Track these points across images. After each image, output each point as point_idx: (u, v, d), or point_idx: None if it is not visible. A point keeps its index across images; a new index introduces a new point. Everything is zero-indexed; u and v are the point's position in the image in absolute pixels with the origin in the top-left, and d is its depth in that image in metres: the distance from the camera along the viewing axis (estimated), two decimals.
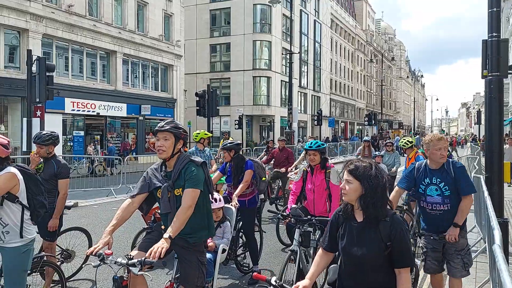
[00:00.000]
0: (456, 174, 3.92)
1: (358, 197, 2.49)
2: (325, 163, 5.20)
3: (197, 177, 3.27)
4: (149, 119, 29.18)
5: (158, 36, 29.40)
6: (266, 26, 41.65)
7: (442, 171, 3.96)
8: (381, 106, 64.20)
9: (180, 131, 3.37)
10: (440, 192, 3.94)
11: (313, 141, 5.28)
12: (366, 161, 2.56)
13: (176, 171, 3.32)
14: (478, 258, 5.91)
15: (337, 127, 60.80)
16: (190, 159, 3.35)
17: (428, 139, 3.98)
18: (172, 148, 3.31)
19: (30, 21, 20.78)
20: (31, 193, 3.60)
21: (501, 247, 2.91)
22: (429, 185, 3.99)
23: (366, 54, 77.23)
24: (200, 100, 17.56)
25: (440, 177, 3.95)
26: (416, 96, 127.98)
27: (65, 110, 22.93)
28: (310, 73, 52.11)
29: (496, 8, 5.59)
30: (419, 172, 4.08)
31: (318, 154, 5.14)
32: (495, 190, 5.56)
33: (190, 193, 3.23)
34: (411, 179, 4.14)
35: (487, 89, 5.67)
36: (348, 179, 2.50)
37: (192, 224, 3.29)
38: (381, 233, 2.43)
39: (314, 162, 5.15)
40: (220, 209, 4.92)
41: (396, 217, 2.50)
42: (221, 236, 4.82)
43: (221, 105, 34.15)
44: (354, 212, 2.56)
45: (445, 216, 3.95)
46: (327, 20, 57.73)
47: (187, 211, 3.18)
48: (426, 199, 4.02)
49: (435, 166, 3.99)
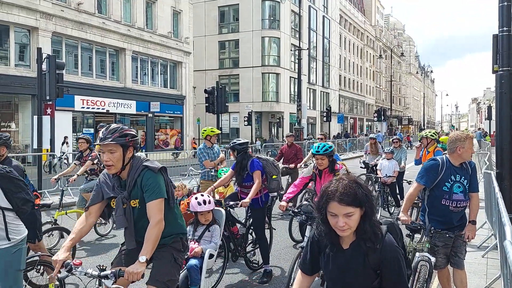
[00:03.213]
0: (472, 172, 4.01)
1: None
2: (334, 166, 5.03)
3: (157, 185, 2.93)
4: (158, 116, 29.33)
5: (167, 33, 29.47)
6: (275, 23, 41.55)
7: (463, 169, 3.99)
8: (390, 102, 63.75)
9: (126, 139, 2.93)
10: (463, 189, 3.96)
11: (320, 145, 5.05)
12: (345, 178, 2.14)
13: (131, 180, 2.97)
14: (489, 254, 5.86)
15: (346, 123, 60.56)
16: (145, 166, 2.97)
17: (464, 137, 3.93)
18: (121, 160, 2.92)
19: (40, 19, 20.95)
20: (10, 192, 3.35)
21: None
22: (455, 182, 3.96)
23: (375, 49, 76.71)
24: (209, 97, 17.60)
25: (463, 175, 3.97)
26: (425, 91, 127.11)
27: (75, 108, 23.12)
28: (319, 69, 51.91)
29: (507, 2, 5.52)
30: (444, 169, 3.96)
31: (326, 158, 4.98)
32: (506, 185, 5.51)
33: (155, 206, 2.89)
34: (434, 176, 3.99)
35: (497, 84, 5.61)
36: (347, 212, 2.03)
37: (162, 233, 2.98)
38: (371, 261, 2.10)
39: (323, 166, 5.00)
40: (209, 212, 4.65)
41: (389, 242, 2.13)
42: (209, 240, 4.51)
43: (230, 101, 34.15)
44: (340, 239, 2.17)
45: (463, 212, 4.04)
46: (336, 15, 57.42)
47: (158, 227, 2.85)
48: (452, 197, 3.94)
49: (457, 163, 3.97)
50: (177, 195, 6.72)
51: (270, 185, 5.66)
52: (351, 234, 2.11)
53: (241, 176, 5.66)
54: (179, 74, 31.28)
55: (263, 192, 5.59)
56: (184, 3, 31.17)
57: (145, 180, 2.93)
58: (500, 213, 4.36)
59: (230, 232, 5.42)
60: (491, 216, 6.36)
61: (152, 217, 2.86)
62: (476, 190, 4.04)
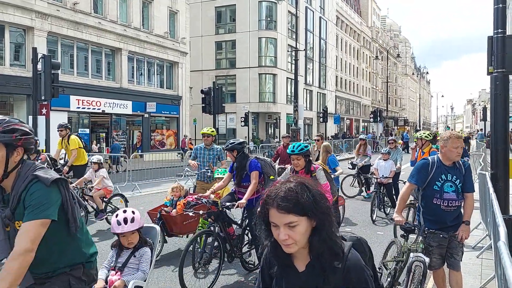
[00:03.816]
0: (466, 172, 4.02)
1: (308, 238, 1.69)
2: (310, 166, 4.89)
3: (43, 202, 2.14)
4: (154, 117, 29.27)
5: (163, 33, 29.43)
6: (272, 23, 41.60)
7: (455, 168, 4.01)
8: (386, 103, 63.86)
9: (13, 136, 2.18)
10: (455, 189, 3.98)
11: (296, 144, 4.89)
12: (292, 180, 1.72)
13: (16, 194, 2.19)
14: (484, 254, 5.89)
15: (342, 124, 60.68)
16: (35, 176, 2.19)
17: (447, 136, 3.97)
18: (3, 163, 2.17)
19: (36, 19, 20.87)
20: None
21: (506, 244, 2.91)
22: (445, 181, 3.98)
23: (372, 51, 76.91)
24: (206, 97, 17.56)
25: (455, 174, 3.99)
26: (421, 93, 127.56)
27: (70, 108, 23.04)
28: (316, 70, 52.00)
29: (502, 4, 5.55)
30: (435, 168, 4.02)
31: (302, 158, 4.80)
32: (500, 186, 5.53)
33: (29, 229, 2.09)
34: (424, 175, 4.05)
35: (492, 86, 5.64)
36: (288, 222, 1.62)
37: (54, 262, 2.34)
38: (331, 285, 1.70)
39: (299, 167, 4.81)
40: (133, 233, 3.57)
41: (353, 260, 1.72)
42: (136, 268, 3.52)
43: (226, 102, 34.17)
44: (293, 259, 1.77)
45: (456, 212, 4.03)
46: (332, 17, 57.53)
47: (21, 259, 2.03)
48: (443, 195, 3.98)
49: (448, 162, 4.00)
50: (174, 195, 6.71)
51: (267, 186, 5.60)
52: (305, 252, 1.73)
53: (240, 176, 5.66)
54: (175, 75, 31.24)
55: (260, 193, 5.58)
56: (180, 3, 31.14)
57: (29, 194, 2.16)
58: (494, 214, 4.38)
59: (226, 233, 5.41)
60: (486, 216, 6.39)
61: (19, 243, 2.06)
62: (470, 190, 4.05)
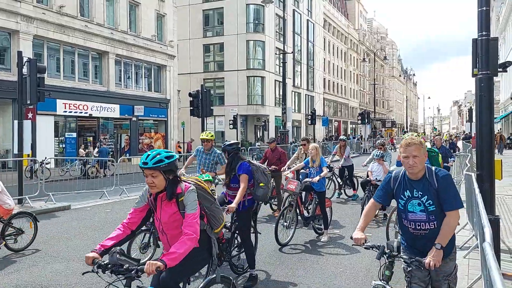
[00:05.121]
0: (440, 184, 3.18)
1: None
2: (175, 188, 3.08)
3: None
4: (142, 120, 29.11)
5: (151, 37, 29.31)
6: (259, 26, 41.68)
7: (424, 182, 3.23)
8: (374, 105, 64.38)
9: None
10: (424, 208, 3.22)
11: (153, 152, 3.04)
12: None
13: None
14: (470, 255, 5.95)
15: (330, 126, 60.99)
16: None
17: (402, 143, 3.32)
18: None
19: (21, 22, 20.64)
20: None
21: (491, 245, 2.93)
22: (410, 199, 3.27)
23: (359, 53, 77.50)
24: (194, 100, 17.47)
25: (422, 189, 3.23)
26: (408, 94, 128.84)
27: (57, 112, 22.80)
28: (304, 73, 52.21)
29: (485, 7, 5.62)
30: (397, 183, 3.35)
31: (161, 175, 3.00)
32: (486, 187, 5.58)
33: None
34: (388, 191, 3.42)
35: (477, 88, 5.69)
36: None
37: None
38: None
39: (155, 188, 3.03)
40: None
41: None
42: None
43: (215, 105, 34.12)
44: None
45: (431, 236, 3.21)
46: (320, 19, 57.85)
47: None
48: (408, 216, 3.29)
49: (414, 176, 3.26)
50: None
51: (257, 192, 5.52)
52: None
53: (229, 177, 5.66)
54: (163, 78, 31.11)
55: (247, 197, 5.53)
56: (168, 6, 31.06)
57: None
58: (480, 215, 4.42)
59: None
60: (472, 217, 6.46)
61: None
62: (451, 207, 3.16)
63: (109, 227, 8.72)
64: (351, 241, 3.39)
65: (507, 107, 40.18)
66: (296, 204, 7.43)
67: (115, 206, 11.43)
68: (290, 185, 7.42)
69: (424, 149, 3.24)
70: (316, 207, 7.67)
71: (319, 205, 7.57)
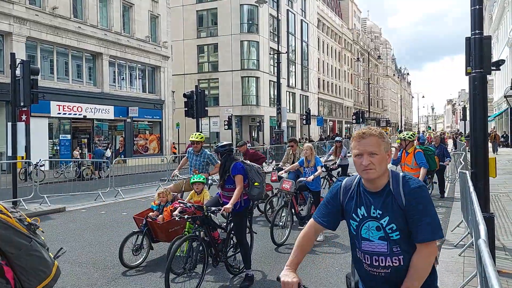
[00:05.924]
0: (409, 201, 2.05)
1: None
2: None
3: None
4: (137, 121, 29.02)
5: (145, 38, 29.23)
6: (253, 26, 41.69)
7: (385, 195, 2.11)
8: (368, 104, 64.63)
9: None
10: (384, 234, 2.09)
11: None
12: None
13: None
14: (466, 252, 5.97)
15: (325, 126, 61.10)
16: None
17: (353, 135, 2.22)
18: None
19: (14, 24, 20.52)
20: None
21: (486, 242, 2.95)
22: (365, 219, 2.15)
23: (353, 53, 77.71)
24: (188, 101, 17.47)
25: (381, 207, 2.10)
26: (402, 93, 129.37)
27: (51, 114, 22.68)
28: (298, 73, 52.27)
29: (478, 6, 5.65)
30: (348, 196, 2.22)
31: None
32: (480, 185, 5.61)
33: None
34: (335, 207, 2.26)
35: (471, 86, 5.72)
36: None
37: None
38: None
39: None
40: None
41: None
42: None
43: (210, 105, 34.03)
44: None
45: (395, 279, 2.11)
46: (314, 19, 57.96)
47: None
48: (362, 245, 2.17)
49: (371, 185, 2.14)
50: (161, 201, 6.64)
51: (251, 191, 5.51)
52: None
53: (223, 179, 5.63)
54: (157, 79, 31.04)
55: (243, 197, 5.51)
56: (161, 7, 30.99)
57: None
58: (474, 212, 4.44)
59: (210, 238, 5.37)
60: (467, 215, 6.49)
61: None
62: (423, 238, 2.01)
63: (104, 229, 8.68)
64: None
65: (501, 105, 40.42)
66: (291, 204, 7.43)
67: (110, 208, 11.38)
68: (285, 184, 7.42)
69: (387, 145, 2.13)
70: (311, 206, 7.69)
71: (314, 205, 7.59)
